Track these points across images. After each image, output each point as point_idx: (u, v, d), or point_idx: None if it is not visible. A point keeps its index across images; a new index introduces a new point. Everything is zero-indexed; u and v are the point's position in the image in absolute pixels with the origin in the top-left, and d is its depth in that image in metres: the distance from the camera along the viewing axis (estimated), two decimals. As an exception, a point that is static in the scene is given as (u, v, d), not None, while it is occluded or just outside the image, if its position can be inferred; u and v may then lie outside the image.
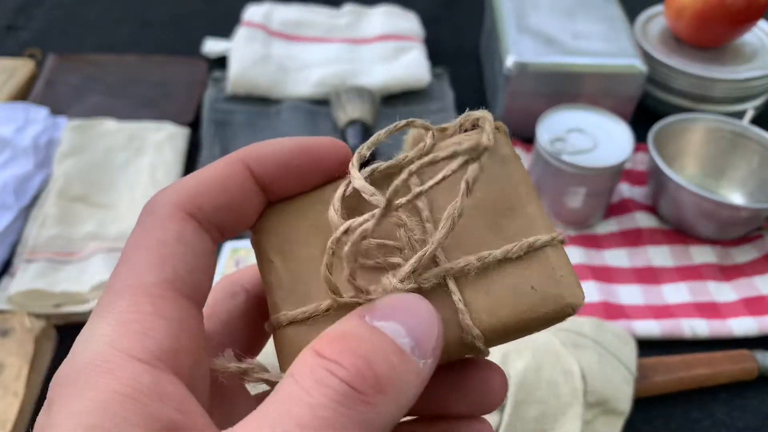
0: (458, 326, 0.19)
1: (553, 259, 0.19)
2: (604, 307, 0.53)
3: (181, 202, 0.19)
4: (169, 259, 0.18)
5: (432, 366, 0.17)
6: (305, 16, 0.82)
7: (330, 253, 0.18)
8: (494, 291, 0.19)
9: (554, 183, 0.58)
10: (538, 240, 0.19)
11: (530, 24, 0.68)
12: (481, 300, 0.19)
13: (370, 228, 0.18)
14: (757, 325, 0.52)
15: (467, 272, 0.19)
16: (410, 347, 0.16)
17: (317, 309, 0.19)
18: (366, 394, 0.15)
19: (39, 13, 0.86)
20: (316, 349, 0.16)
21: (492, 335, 0.19)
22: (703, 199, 0.55)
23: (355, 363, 0.15)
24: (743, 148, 0.62)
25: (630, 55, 0.65)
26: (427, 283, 0.19)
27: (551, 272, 0.19)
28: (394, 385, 0.16)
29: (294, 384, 0.15)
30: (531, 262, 0.19)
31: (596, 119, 0.59)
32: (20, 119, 0.65)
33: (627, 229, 0.61)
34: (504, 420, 0.41)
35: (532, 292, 0.19)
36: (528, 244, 0.19)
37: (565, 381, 0.43)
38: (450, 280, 0.19)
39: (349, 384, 0.15)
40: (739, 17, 0.67)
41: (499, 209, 0.20)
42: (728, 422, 0.48)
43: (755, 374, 0.49)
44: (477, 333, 0.19)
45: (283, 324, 0.20)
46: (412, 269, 0.18)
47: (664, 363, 0.49)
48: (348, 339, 0.16)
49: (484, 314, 0.19)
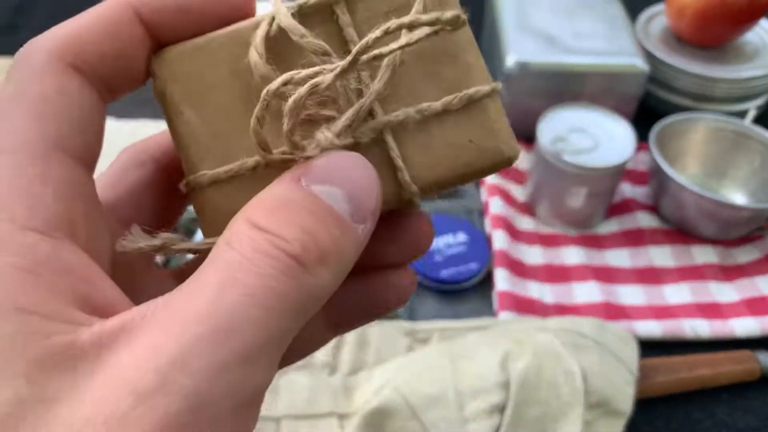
0: (396, 183, 0.18)
1: (492, 111, 0.18)
2: (605, 308, 0.53)
3: (60, 50, 0.16)
4: (51, 116, 0.15)
5: (370, 229, 0.17)
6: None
7: (264, 106, 0.16)
8: (433, 146, 0.18)
9: (555, 183, 0.57)
10: (478, 92, 0.18)
11: (531, 23, 0.68)
12: (419, 155, 0.18)
13: (326, 83, 0.16)
14: (759, 326, 0.52)
15: (405, 125, 0.18)
16: (349, 213, 0.16)
17: (242, 167, 0.18)
18: (309, 265, 0.15)
19: (39, 13, 0.86)
20: (252, 220, 0.15)
21: (429, 189, 0.18)
22: (705, 199, 0.55)
23: (298, 236, 0.15)
24: (745, 147, 0.62)
25: (631, 55, 0.65)
26: (364, 138, 0.18)
27: (490, 125, 0.18)
28: (335, 256, 0.15)
29: (233, 252, 0.15)
30: (470, 115, 0.18)
31: (597, 119, 0.59)
32: (19, 119, 0.65)
33: (628, 229, 0.61)
34: (505, 421, 0.41)
35: (471, 145, 0.18)
36: (468, 96, 0.18)
37: (566, 382, 0.43)
38: (388, 134, 0.18)
39: (295, 257, 0.15)
40: (740, 16, 0.67)
41: (438, 56, 0.18)
42: (730, 423, 0.48)
43: (757, 375, 0.49)
44: (415, 189, 0.18)
45: (203, 184, 0.18)
46: (348, 123, 0.17)
47: (665, 364, 0.48)
48: (287, 209, 0.15)
49: (423, 170, 0.18)
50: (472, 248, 0.56)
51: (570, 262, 0.57)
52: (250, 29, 0.18)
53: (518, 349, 0.44)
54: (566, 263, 0.57)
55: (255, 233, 0.15)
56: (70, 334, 0.13)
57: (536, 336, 0.45)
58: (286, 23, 0.17)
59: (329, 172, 0.16)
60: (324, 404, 0.45)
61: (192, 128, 0.18)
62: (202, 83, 0.18)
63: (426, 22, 0.17)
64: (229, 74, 0.18)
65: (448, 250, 0.56)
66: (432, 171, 0.18)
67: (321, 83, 0.16)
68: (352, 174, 0.16)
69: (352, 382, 0.46)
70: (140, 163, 0.20)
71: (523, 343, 0.45)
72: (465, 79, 0.18)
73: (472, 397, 0.42)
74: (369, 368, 0.47)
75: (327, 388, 0.46)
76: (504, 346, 0.44)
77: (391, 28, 0.16)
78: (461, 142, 0.18)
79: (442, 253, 0.56)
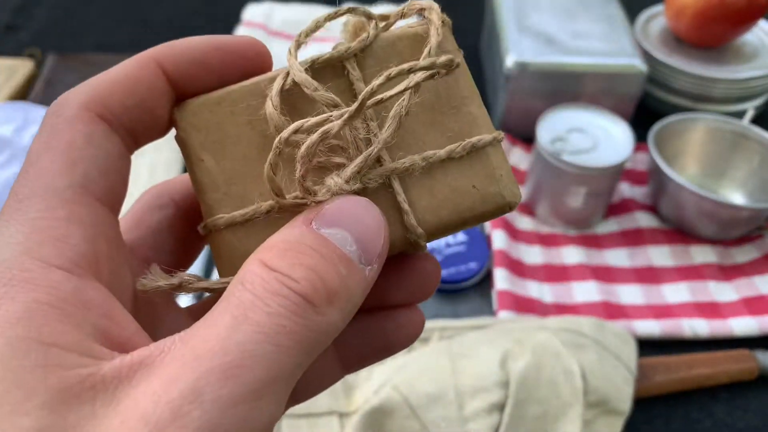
0: (402, 226, 0.19)
1: (494, 158, 0.19)
2: (604, 307, 0.53)
3: (88, 102, 0.17)
4: (79, 162, 0.17)
5: (377, 270, 0.17)
6: (305, 15, 0.82)
7: (276, 153, 0.17)
8: (437, 190, 0.19)
9: (554, 183, 0.57)
10: (480, 140, 0.19)
11: (530, 23, 0.68)
12: (424, 200, 0.19)
13: (335, 129, 0.17)
14: (757, 325, 0.52)
15: (411, 172, 0.19)
16: (357, 255, 0.17)
17: (257, 211, 0.19)
18: (318, 305, 0.15)
19: (39, 13, 0.86)
20: (264, 261, 0.16)
21: (434, 232, 0.19)
22: (704, 199, 0.55)
23: (307, 276, 0.15)
24: (744, 147, 0.62)
25: (630, 55, 0.65)
26: (372, 183, 0.19)
27: (492, 171, 0.19)
28: (343, 295, 0.16)
29: (246, 292, 0.15)
30: (473, 162, 0.19)
31: (596, 119, 0.59)
32: (20, 119, 0.65)
33: (627, 229, 0.61)
34: (504, 420, 0.41)
35: (474, 191, 0.19)
36: (471, 144, 0.19)
37: (566, 381, 0.43)
38: (394, 180, 0.19)
39: (304, 296, 0.15)
40: (739, 17, 0.67)
41: (442, 107, 0.20)
42: (729, 422, 0.48)
43: (756, 374, 0.49)
44: (420, 232, 0.19)
45: (220, 227, 0.19)
46: (357, 169, 0.18)
47: (664, 363, 0.49)
48: (297, 250, 0.16)
49: (427, 214, 0.19)
50: (472, 248, 0.57)
51: (569, 262, 0.57)
52: (267, 83, 0.19)
53: (518, 349, 0.44)
54: (565, 263, 0.58)
55: (267, 273, 0.15)
56: (91, 367, 0.14)
57: (536, 335, 0.45)
58: (300, 78, 0.18)
59: (338, 216, 0.17)
60: (324, 403, 0.45)
61: (211, 174, 0.19)
62: (221, 132, 0.19)
63: (423, 66, 0.18)
64: (247, 124, 0.19)
65: (448, 250, 0.56)
66: (436, 215, 0.19)
67: (331, 129, 0.17)
68: (361, 218, 0.17)
69: (352, 381, 0.46)
70: (161, 206, 0.22)
71: (522, 342, 0.45)
72: (468, 128, 0.20)
73: (472, 396, 0.42)
74: (369, 367, 0.47)
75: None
76: (503, 346, 0.44)
77: (392, 73, 0.18)
78: (465, 188, 0.19)
79: (441, 252, 0.56)
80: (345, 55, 0.20)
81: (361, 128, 0.19)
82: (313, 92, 0.18)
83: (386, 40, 0.20)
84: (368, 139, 0.19)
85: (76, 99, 0.17)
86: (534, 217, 0.62)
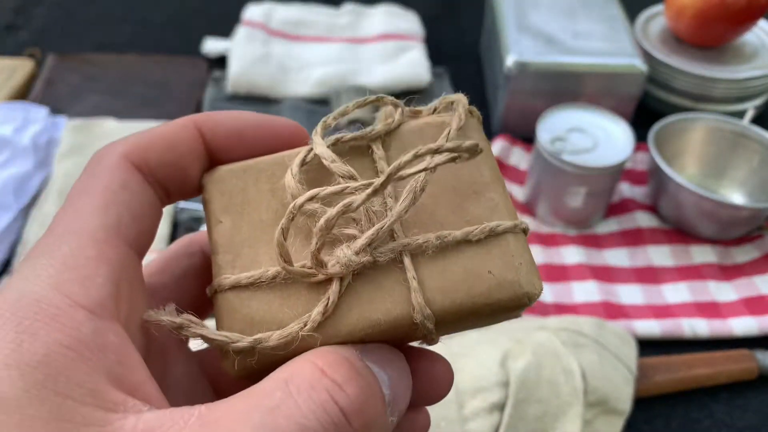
0: (409, 304, 0.18)
1: (513, 246, 0.19)
2: (604, 307, 0.53)
3: (128, 152, 0.19)
4: (113, 205, 0.18)
5: (395, 424, 0.18)
6: (305, 15, 0.82)
7: (290, 218, 0.18)
8: (450, 272, 0.18)
9: (554, 183, 0.57)
10: (500, 225, 0.19)
11: (530, 23, 0.68)
12: (436, 279, 0.18)
13: (358, 202, 0.17)
14: (757, 325, 0.52)
15: (425, 249, 0.19)
16: (389, 400, 0.17)
17: (263, 275, 0.19)
18: (354, 428, 0.15)
19: (39, 13, 0.86)
20: (319, 366, 0.16)
21: (444, 317, 0.18)
22: (704, 199, 0.55)
23: (358, 395, 0.15)
24: (743, 147, 0.62)
25: (630, 55, 0.65)
26: (383, 257, 0.18)
27: (510, 259, 0.19)
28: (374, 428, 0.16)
29: (288, 395, 0.15)
30: (491, 247, 0.19)
31: (596, 119, 0.59)
32: (20, 119, 0.65)
33: (627, 229, 0.61)
34: (504, 419, 0.41)
35: (489, 276, 0.18)
36: (489, 228, 0.19)
37: (566, 380, 0.43)
38: (406, 256, 0.19)
39: (347, 416, 0.15)
40: (739, 17, 0.67)
41: (464, 192, 0.20)
42: (729, 422, 0.48)
43: (755, 374, 0.49)
44: (428, 313, 0.18)
45: (225, 287, 0.19)
46: (368, 242, 0.18)
47: (664, 363, 0.49)
48: (352, 367, 0.16)
49: (437, 294, 0.18)
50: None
51: (569, 262, 0.57)
52: (293, 156, 0.20)
53: (518, 348, 0.44)
54: (565, 262, 0.58)
55: (317, 377, 0.16)
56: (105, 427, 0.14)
57: (536, 335, 0.45)
58: (320, 151, 0.19)
59: (382, 358, 0.18)
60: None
61: (226, 236, 0.20)
62: (243, 197, 0.20)
63: (449, 148, 0.18)
64: (269, 191, 0.20)
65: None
66: (447, 296, 0.18)
67: (353, 202, 0.17)
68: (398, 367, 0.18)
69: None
70: (190, 254, 0.22)
71: (522, 342, 0.45)
72: (489, 213, 0.19)
73: (472, 396, 0.42)
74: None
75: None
76: (504, 345, 0.45)
77: (420, 151, 0.18)
78: (479, 272, 0.18)
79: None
80: (371, 136, 0.20)
81: (376, 201, 0.19)
82: (331, 164, 0.19)
83: (414, 125, 0.21)
84: (383, 213, 0.19)
85: (117, 149, 0.19)
86: (534, 216, 0.62)
